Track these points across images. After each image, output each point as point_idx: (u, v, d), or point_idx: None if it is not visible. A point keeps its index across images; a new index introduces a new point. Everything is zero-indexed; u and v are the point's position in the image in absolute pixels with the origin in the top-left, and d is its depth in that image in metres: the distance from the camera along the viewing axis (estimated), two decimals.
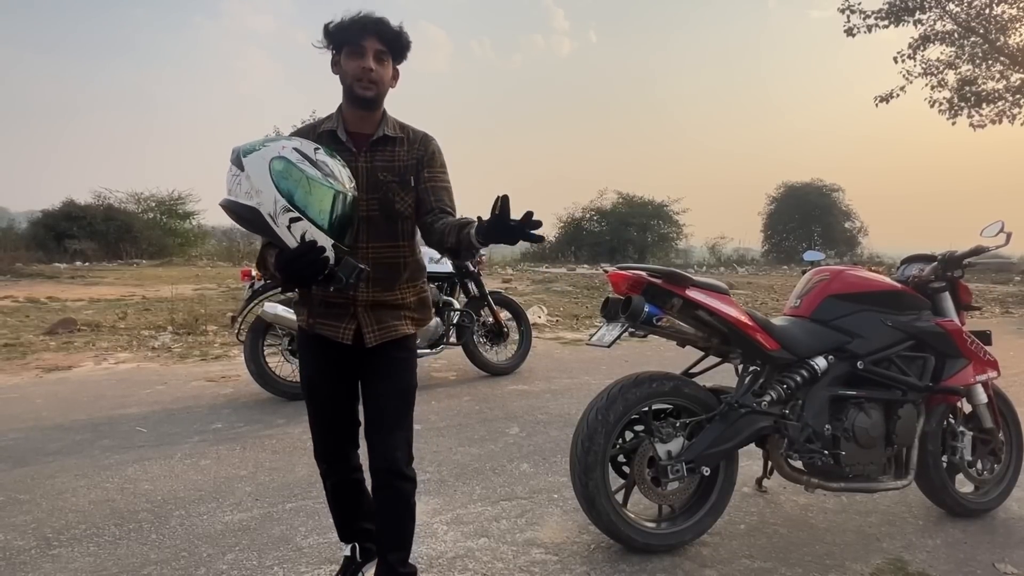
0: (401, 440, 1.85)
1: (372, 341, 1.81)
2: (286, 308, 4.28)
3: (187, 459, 3.29)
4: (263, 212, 1.52)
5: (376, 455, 1.83)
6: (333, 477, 2.00)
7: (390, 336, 1.83)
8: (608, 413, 2.30)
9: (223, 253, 19.79)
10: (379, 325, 1.82)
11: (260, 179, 1.51)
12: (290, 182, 1.52)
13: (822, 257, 3.19)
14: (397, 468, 1.83)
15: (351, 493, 2.03)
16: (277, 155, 1.54)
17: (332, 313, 1.82)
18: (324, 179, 1.56)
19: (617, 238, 24.10)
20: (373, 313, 1.81)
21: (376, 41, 1.72)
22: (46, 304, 8.84)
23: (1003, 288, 14.77)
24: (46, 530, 2.49)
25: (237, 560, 2.28)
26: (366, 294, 1.80)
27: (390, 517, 1.86)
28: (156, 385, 4.83)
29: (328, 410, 1.92)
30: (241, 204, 1.54)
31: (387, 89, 1.80)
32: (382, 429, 1.83)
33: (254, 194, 1.52)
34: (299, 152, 1.57)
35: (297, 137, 1.68)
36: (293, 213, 1.52)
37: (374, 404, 1.85)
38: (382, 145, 1.81)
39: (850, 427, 2.50)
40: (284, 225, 1.52)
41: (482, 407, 4.34)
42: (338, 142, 1.77)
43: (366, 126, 1.81)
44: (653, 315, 2.29)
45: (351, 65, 1.72)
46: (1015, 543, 2.60)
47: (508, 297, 5.58)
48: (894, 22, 16.90)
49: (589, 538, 2.49)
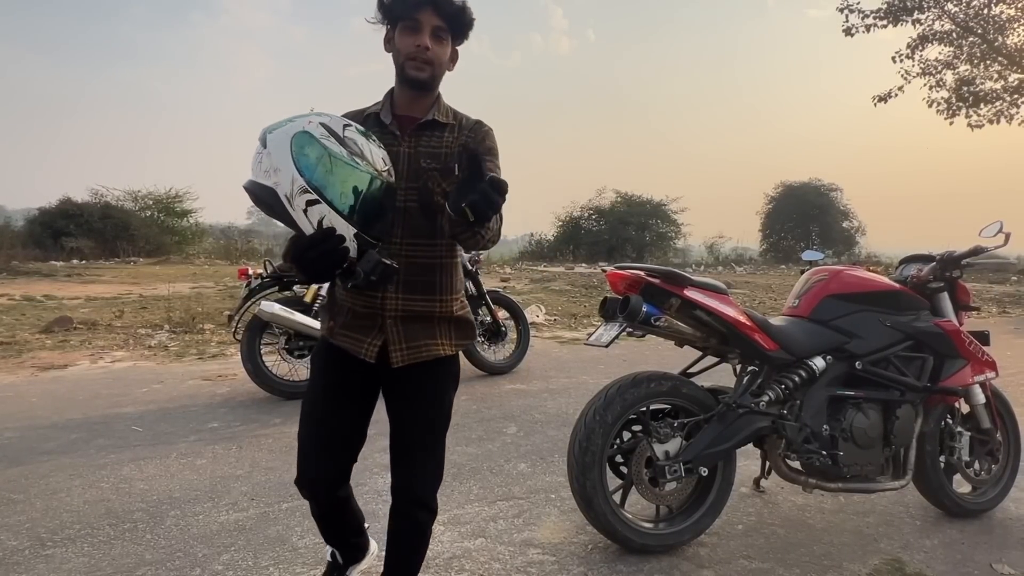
0: (431, 471, 1.68)
1: (398, 361, 1.57)
2: (283, 307, 4.26)
3: (183, 458, 3.27)
4: (280, 193, 1.35)
5: (401, 484, 1.68)
6: (319, 508, 1.77)
7: (420, 357, 1.59)
8: (606, 413, 2.29)
9: (220, 251, 19.77)
10: (409, 343, 1.58)
11: (280, 156, 1.35)
12: (310, 159, 1.35)
13: (821, 257, 3.19)
14: (423, 501, 1.68)
15: (339, 514, 1.81)
16: (301, 129, 1.37)
17: (357, 324, 1.60)
18: (350, 158, 1.38)
19: (615, 237, 24.12)
20: (404, 327, 1.58)
21: (435, 16, 1.51)
22: (42, 302, 8.80)
23: (1001, 288, 14.81)
24: (40, 530, 2.48)
25: (233, 560, 2.27)
26: (396, 301, 1.57)
27: (403, 548, 1.72)
28: (152, 384, 4.81)
29: (325, 432, 1.67)
30: (259, 184, 1.38)
31: (443, 71, 1.59)
32: (411, 461, 1.66)
33: (272, 173, 1.36)
34: (325, 127, 1.40)
35: (330, 114, 1.48)
36: (311, 195, 1.35)
37: (402, 432, 1.66)
38: (429, 130, 1.60)
39: (848, 427, 2.49)
40: (300, 208, 1.35)
41: (479, 406, 4.33)
42: (381, 125, 1.59)
43: (416, 109, 1.61)
44: (651, 315, 2.28)
45: (405, 42, 1.53)
46: (1013, 543, 2.60)
47: (506, 296, 5.57)
48: (892, 22, 16.93)
49: (587, 538, 2.48)
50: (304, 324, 4.27)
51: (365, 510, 2.64)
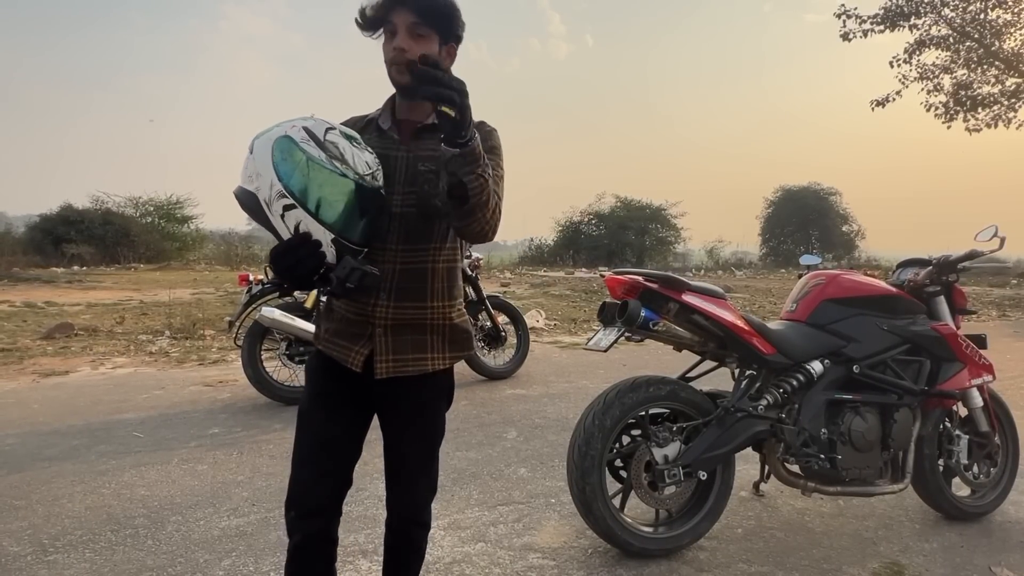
0: (425, 488, 1.64)
1: (382, 372, 1.50)
2: (284, 313, 4.28)
3: (184, 464, 3.28)
4: (260, 198, 1.35)
5: (396, 503, 1.64)
6: (304, 530, 1.55)
7: (405, 371, 1.51)
8: (605, 417, 2.30)
9: (221, 257, 19.77)
10: (395, 355, 1.51)
11: (262, 161, 1.35)
12: (289, 163, 1.34)
13: (819, 261, 3.20)
14: (415, 518, 1.65)
15: (318, 561, 1.58)
16: (283, 134, 1.37)
17: (347, 331, 1.53)
18: (328, 162, 1.36)
19: (615, 242, 24.15)
20: (393, 337, 1.51)
21: (409, 13, 1.43)
22: (43, 308, 8.81)
23: (999, 291, 14.82)
24: (42, 536, 2.49)
25: (234, 566, 2.28)
26: (387, 309, 1.50)
27: (399, 562, 1.69)
28: (153, 390, 4.82)
29: (320, 446, 1.56)
30: (244, 189, 1.38)
31: None
32: (405, 480, 1.62)
33: (255, 177, 1.36)
34: (307, 131, 1.38)
35: (318, 118, 1.46)
36: (287, 200, 1.34)
37: (395, 449, 1.62)
38: (429, 133, 1.53)
39: (846, 431, 2.50)
40: (278, 213, 1.34)
41: (479, 411, 4.34)
42: (380, 131, 1.56)
43: (416, 113, 1.56)
44: (650, 319, 2.29)
45: (387, 48, 1.47)
46: (1012, 547, 2.60)
47: (506, 301, 5.58)
48: (890, 27, 17.00)
49: (586, 543, 2.49)
50: (304, 330, 4.28)
51: (365, 515, 2.66)
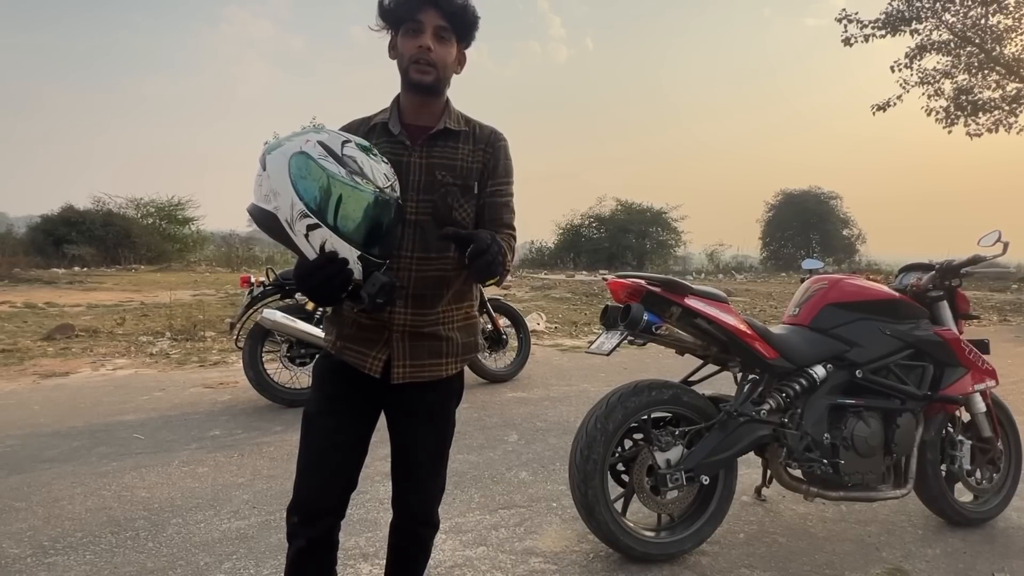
0: (435, 492, 1.65)
1: (399, 378, 1.52)
2: (285, 315, 4.28)
3: (184, 466, 3.28)
4: (280, 218, 1.31)
5: (403, 501, 1.64)
6: (308, 534, 1.54)
7: (421, 377, 1.54)
8: (607, 421, 2.29)
9: (222, 259, 19.78)
10: (413, 361, 1.53)
11: (279, 179, 1.31)
12: (308, 181, 1.31)
13: (820, 265, 3.20)
14: (425, 518, 1.66)
15: (319, 566, 1.58)
16: (298, 150, 1.33)
17: (363, 337, 1.53)
18: (349, 178, 1.33)
19: (616, 245, 24.16)
20: (410, 343, 1.52)
21: (437, 15, 1.46)
22: (44, 309, 8.81)
23: (1001, 296, 14.81)
24: (42, 538, 2.48)
25: (234, 568, 2.27)
26: (404, 316, 1.51)
27: (405, 562, 1.69)
28: (154, 391, 4.81)
29: (330, 448, 1.57)
30: (260, 208, 1.34)
31: (450, 74, 1.54)
32: (416, 484, 1.62)
33: (272, 196, 1.32)
34: (323, 146, 1.35)
35: (329, 130, 1.43)
36: (311, 219, 1.31)
37: (405, 450, 1.62)
38: (442, 139, 1.53)
39: (849, 436, 2.50)
40: (302, 233, 1.32)
41: (480, 415, 4.33)
42: (389, 135, 1.53)
43: (425, 117, 1.54)
44: (652, 323, 2.29)
45: (408, 45, 1.47)
46: (1015, 552, 2.59)
47: (507, 304, 5.58)
48: (891, 32, 17.02)
49: (588, 547, 2.48)
50: (306, 332, 4.28)
51: (366, 518, 2.66)
